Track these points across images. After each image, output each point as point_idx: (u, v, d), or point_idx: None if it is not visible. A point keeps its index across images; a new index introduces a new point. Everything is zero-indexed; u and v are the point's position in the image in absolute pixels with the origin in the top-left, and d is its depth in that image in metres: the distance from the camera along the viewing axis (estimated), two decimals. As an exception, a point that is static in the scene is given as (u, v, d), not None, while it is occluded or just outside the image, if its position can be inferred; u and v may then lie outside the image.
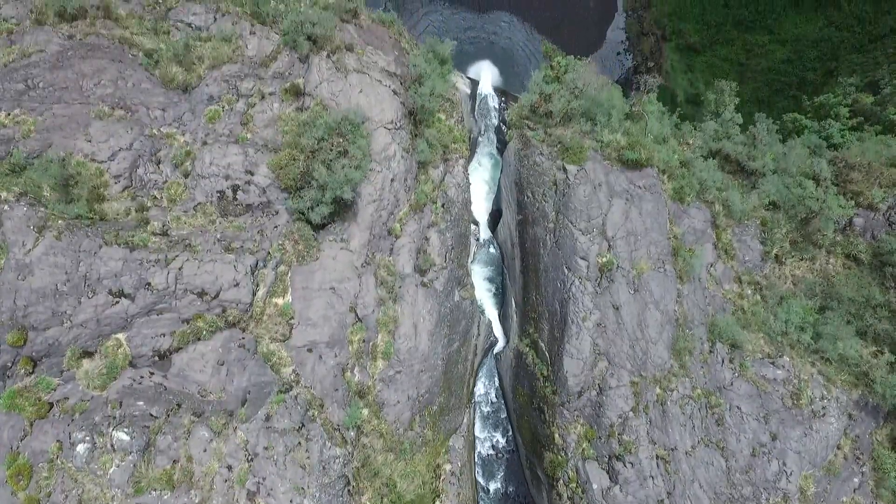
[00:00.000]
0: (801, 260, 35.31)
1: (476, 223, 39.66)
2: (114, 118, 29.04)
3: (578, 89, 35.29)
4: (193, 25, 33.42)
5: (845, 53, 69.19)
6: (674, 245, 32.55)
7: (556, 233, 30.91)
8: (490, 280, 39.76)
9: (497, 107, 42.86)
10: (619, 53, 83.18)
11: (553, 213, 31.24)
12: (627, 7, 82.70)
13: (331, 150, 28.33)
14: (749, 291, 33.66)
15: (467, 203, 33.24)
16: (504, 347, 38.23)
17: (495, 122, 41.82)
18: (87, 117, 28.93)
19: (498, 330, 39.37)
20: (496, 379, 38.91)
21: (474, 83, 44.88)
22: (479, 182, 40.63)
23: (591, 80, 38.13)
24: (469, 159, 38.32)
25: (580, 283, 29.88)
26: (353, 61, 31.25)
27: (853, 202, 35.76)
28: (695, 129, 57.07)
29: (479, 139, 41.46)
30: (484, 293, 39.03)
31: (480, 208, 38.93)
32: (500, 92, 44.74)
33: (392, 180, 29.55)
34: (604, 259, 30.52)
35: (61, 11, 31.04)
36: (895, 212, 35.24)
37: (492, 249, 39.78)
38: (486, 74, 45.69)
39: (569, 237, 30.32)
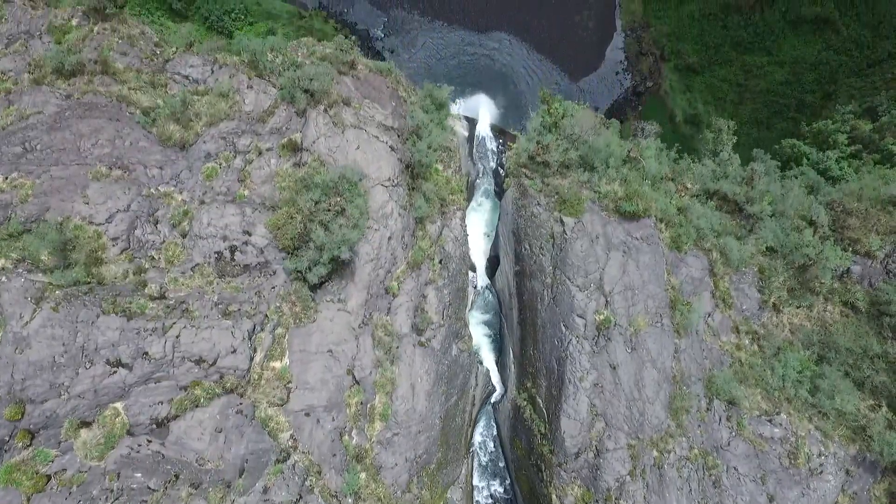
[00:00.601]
0: (799, 307, 35.34)
1: (474, 269, 39.72)
2: (111, 179, 29.06)
3: (576, 135, 35.32)
4: (191, 78, 33.45)
5: (843, 77, 69.21)
6: (671, 297, 32.57)
7: (554, 289, 30.95)
8: (488, 326, 39.71)
9: (495, 149, 42.77)
10: (617, 73, 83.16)
11: (550, 267, 31.28)
12: (626, 27, 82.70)
13: (328, 210, 28.37)
14: (747, 342, 33.68)
15: (465, 256, 33.27)
16: (502, 397, 38.13)
17: (493, 164, 41.79)
18: (85, 178, 28.95)
19: (496, 378, 39.19)
20: (494, 428, 38.87)
21: (472, 124, 44.71)
22: (478, 223, 40.66)
23: (588, 125, 38.17)
24: (468, 201, 38.36)
25: (577, 342, 29.92)
26: (350, 116, 31.26)
27: (851, 250, 35.80)
28: (693, 162, 57.12)
29: (478, 181, 41.45)
30: (482, 339, 39.03)
31: (478, 251, 39.00)
32: (497, 132, 44.66)
33: (389, 238, 29.58)
34: (601, 316, 30.54)
35: (59, 68, 31.12)
36: (892, 260, 35.28)
37: (490, 296, 39.83)
38: (484, 112, 45.51)
39: (566, 294, 30.34)
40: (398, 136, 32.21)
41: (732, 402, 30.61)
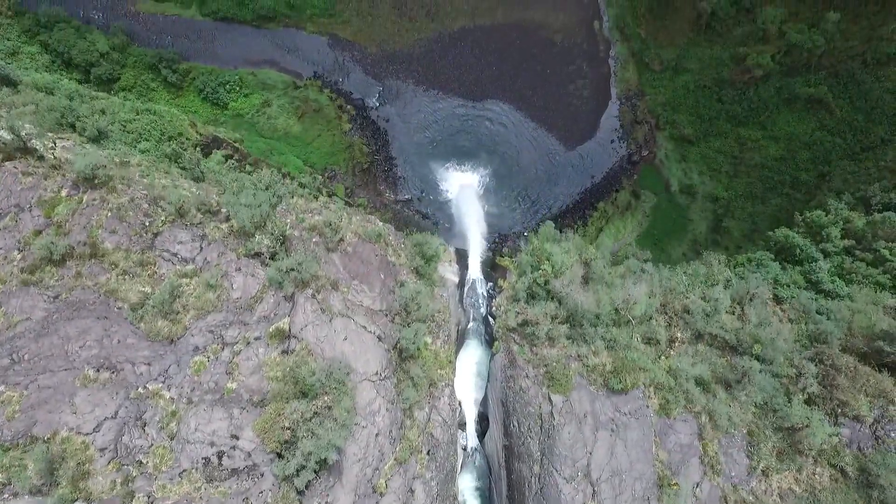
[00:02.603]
0: (788, 471, 35.43)
1: (463, 426, 39.80)
2: (99, 383, 29.13)
3: (564, 295, 35.36)
4: (179, 256, 33.49)
5: (837, 159, 69.28)
6: (659, 473, 32.68)
7: (542, 479, 31.17)
8: (478, 491, 39.53)
9: (485, 293, 42.86)
10: (613, 141, 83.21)
11: (538, 453, 31.47)
12: (621, 95, 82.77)
13: (316, 413, 28.44)
14: (736, 513, 33.81)
15: (453, 438, 33.38)
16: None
17: (483, 310, 41.91)
18: (73, 386, 29.01)
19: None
20: None
21: (462, 269, 44.04)
22: (469, 364, 40.74)
23: (578, 280, 38.24)
24: (459, 347, 38.48)
25: (565, 535, 30.08)
26: (338, 302, 31.32)
27: (840, 412, 35.82)
28: (684, 268, 57.00)
29: (470, 325, 41.58)
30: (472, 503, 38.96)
31: (468, 398, 39.07)
32: (486, 272, 44.48)
33: (377, 435, 29.67)
34: (588, 510, 30.65)
35: (48, 257, 31.24)
36: (881, 426, 35.38)
37: (479, 460, 39.90)
38: (475, 253, 45.01)
39: (553, 487, 30.52)
40: (387, 317, 32.30)
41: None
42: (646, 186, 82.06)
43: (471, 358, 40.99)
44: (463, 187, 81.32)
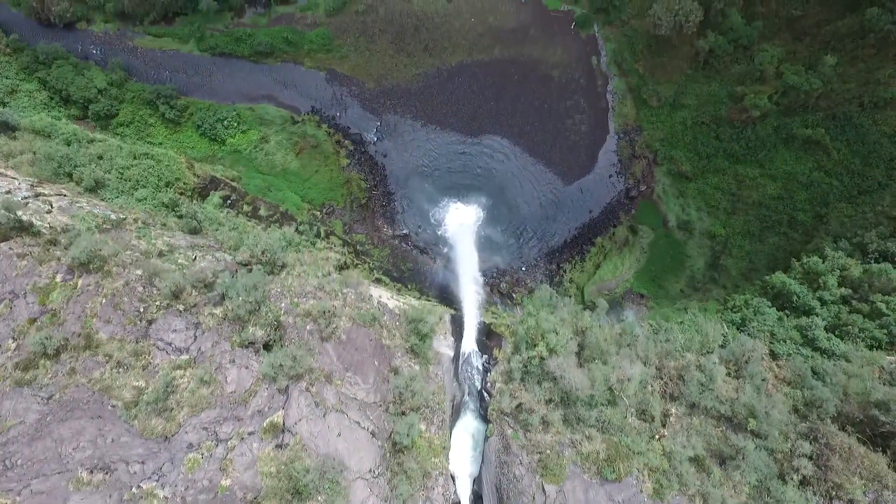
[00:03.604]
0: (782, 554, 35.43)
1: None
2: (92, 486, 29.20)
3: (558, 377, 35.41)
4: (174, 346, 33.55)
5: (835, 201, 69.26)
6: (652, 566, 32.71)
7: (535, 575, 31.24)
8: None
9: (480, 367, 42.92)
10: (611, 175, 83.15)
11: (532, 550, 31.55)
12: (619, 130, 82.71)
13: (309, 516, 28.52)
14: None
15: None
16: None
17: (479, 384, 41.93)
18: (66, 490, 29.07)
19: None
20: None
21: (457, 340, 43.35)
22: (465, 438, 40.51)
23: (573, 356, 38.30)
24: (454, 421, 38.56)
25: None
26: (331, 396, 31.37)
27: (834, 495, 35.81)
28: (681, 325, 57.09)
29: (465, 398, 41.57)
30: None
31: (463, 475, 38.85)
32: (481, 342, 44.35)
33: (371, 535, 29.77)
34: None
35: (42, 351, 31.34)
36: (876, 510, 35.38)
37: None
38: (470, 324, 44.78)
39: (547, 586, 30.55)
40: (381, 408, 32.35)
41: None
42: (644, 222, 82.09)
43: (466, 431, 40.98)
44: (461, 222, 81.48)
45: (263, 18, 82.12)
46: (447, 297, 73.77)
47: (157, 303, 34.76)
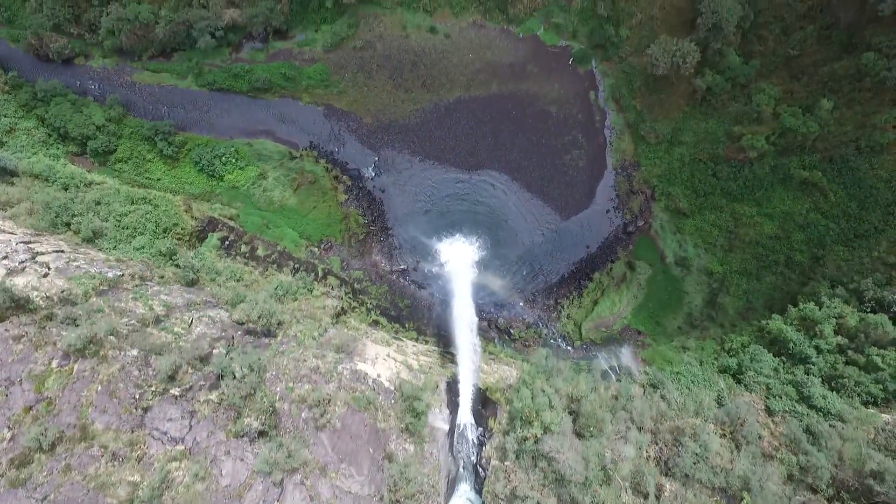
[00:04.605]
0: None
1: None
2: (87, 587, 29.37)
3: (553, 457, 35.57)
4: (169, 435, 33.70)
5: (832, 243, 69.27)
6: None
7: None
8: None
9: (475, 440, 42.96)
10: (608, 211, 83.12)
11: None
12: (617, 165, 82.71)
13: None
14: None
15: None
16: None
17: (474, 459, 42.04)
18: (61, 593, 29.28)
19: None
20: None
21: (453, 412, 43.20)
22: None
23: (568, 432, 38.45)
24: (449, 496, 38.67)
25: None
26: (326, 490, 31.50)
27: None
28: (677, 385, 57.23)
29: (461, 471, 41.65)
30: None
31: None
32: (476, 412, 44.38)
33: None
34: None
35: (38, 447, 31.49)
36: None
37: None
38: (466, 392, 44.67)
39: None
40: (375, 497, 32.47)
41: None
42: (641, 257, 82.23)
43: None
44: (458, 257, 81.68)
45: (261, 54, 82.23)
46: (445, 337, 74.02)
47: (153, 388, 34.93)
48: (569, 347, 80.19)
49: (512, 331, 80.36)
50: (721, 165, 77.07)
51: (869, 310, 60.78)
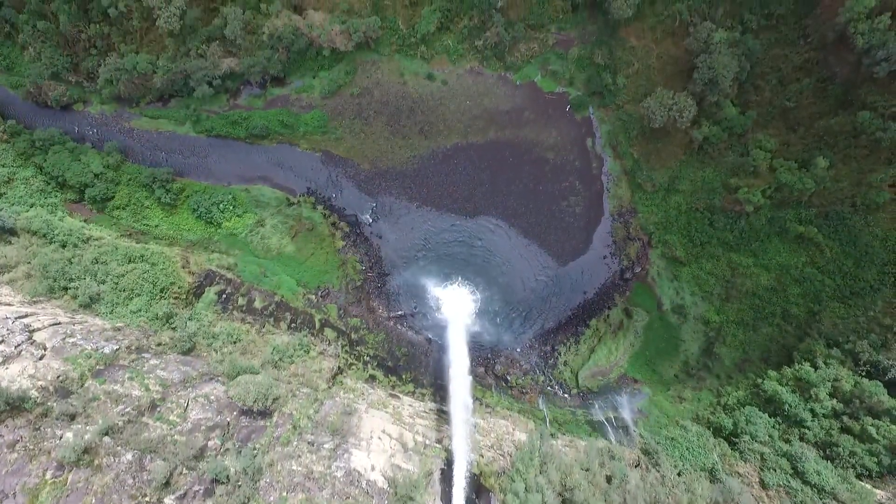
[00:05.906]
0: None
1: None
2: None
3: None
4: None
5: (828, 299, 69.31)
6: None
7: None
8: None
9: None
10: (605, 257, 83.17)
11: None
12: (614, 211, 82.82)
13: None
14: None
15: None
16: None
17: None
18: None
19: None
20: None
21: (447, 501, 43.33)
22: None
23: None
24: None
25: None
26: None
27: None
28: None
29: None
30: None
31: None
32: (470, 500, 44.52)
33: None
34: None
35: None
36: None
37: None
38: (459, 476, 44.44)
39: None
40: None
41: None
42: (638, 304, 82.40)
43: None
44: (456, 302, 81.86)
45: (259, 100, 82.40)
46: (441, 388, 74.29)
47: (148, 499, 35.05)
48: (566, 395, 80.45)
49: (509, 377, 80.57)
50: (717, 215, 77.18)
51: (864, 373, 61.01)
